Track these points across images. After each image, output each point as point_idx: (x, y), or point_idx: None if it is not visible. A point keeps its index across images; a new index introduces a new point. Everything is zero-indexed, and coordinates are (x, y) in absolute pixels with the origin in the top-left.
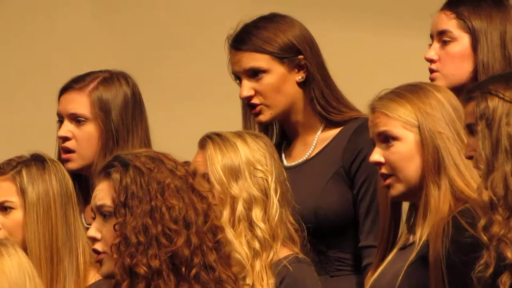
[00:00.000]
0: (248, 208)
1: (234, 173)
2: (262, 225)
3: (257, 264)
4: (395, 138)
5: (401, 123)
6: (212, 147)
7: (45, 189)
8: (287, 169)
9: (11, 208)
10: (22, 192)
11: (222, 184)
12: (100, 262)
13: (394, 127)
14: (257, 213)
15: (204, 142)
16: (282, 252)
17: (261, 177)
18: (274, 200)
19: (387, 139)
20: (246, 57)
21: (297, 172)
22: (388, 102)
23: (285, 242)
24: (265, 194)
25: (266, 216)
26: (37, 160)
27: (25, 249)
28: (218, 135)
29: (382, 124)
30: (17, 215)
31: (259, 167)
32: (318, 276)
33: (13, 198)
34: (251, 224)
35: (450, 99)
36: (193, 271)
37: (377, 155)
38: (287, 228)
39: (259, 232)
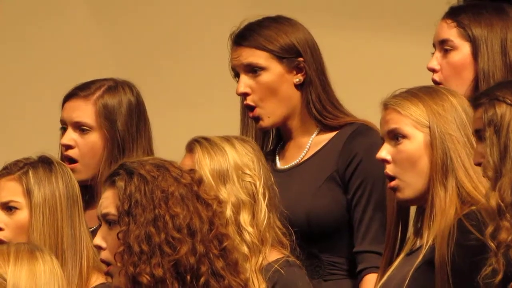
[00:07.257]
0: (236, 212)
1: (222, 177)
2: (250, 229)
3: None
4: (404, 136)
5: (412, 121)
6: (201, 151)
7: (51, 191)
8: (280, 171)
9: (16, 208)
10: (28, 193)
11: (210, 188)
12: (109, 275)
13: (404, 125)
14: (245, 217)
15: (192, 145)
16: (272, 255)
17: (249, 181)
18: (263, 204)
19: (396, 137)
20: (246, 52)
21: (290, 174)
22: (402, 100)
23: (274, 245)
24: (253, 198)
25: (254, 221)
26: (44, 162)
27: None
28: (206, 139)
29: (393, 122)
30: (21, 215)
31: (247, 171)
32: (312, 280)
33: (19, 198)
34: (239, 228)
35: (464, 104)
36: (202, 279)
37: (384, 152)
38: (275, 233)
39: (247, 237)
